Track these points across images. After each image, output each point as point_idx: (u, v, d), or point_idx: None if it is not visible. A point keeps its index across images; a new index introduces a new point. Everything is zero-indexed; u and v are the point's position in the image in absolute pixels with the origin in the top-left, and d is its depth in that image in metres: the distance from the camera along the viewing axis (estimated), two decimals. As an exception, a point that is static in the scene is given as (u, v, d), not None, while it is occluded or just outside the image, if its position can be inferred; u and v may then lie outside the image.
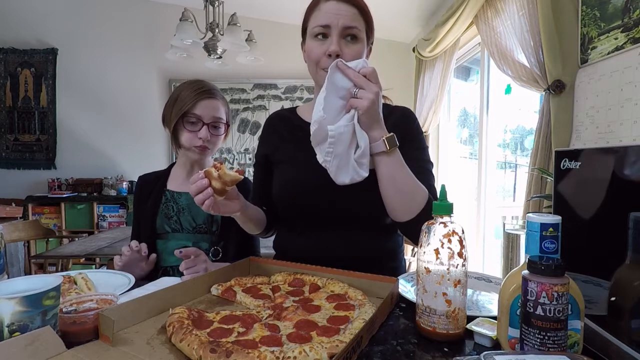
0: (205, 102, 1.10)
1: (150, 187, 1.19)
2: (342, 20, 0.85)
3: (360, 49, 0.88)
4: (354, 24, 0.86)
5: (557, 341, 0.48)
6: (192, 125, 1.10)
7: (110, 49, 3.95)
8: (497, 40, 2.15)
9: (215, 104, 1.12)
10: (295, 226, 1.00)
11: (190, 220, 1.14)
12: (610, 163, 0.55)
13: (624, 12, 1.42)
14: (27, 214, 3.61)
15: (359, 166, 0.81)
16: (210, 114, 1.11)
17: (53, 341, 0.52)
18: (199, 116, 1.09)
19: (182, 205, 1.15)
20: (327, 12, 0.87)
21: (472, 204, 2.86)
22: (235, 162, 4.07)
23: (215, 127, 1.13)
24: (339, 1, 0.87)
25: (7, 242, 1.96)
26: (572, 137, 1.71)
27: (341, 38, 0.87)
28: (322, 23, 0.87)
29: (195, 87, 1.11)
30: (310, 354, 0.50)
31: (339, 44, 0.86)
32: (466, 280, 0.61)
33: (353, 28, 0.86)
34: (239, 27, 2.39)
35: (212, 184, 0.78)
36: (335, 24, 0.86)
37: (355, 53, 0.87)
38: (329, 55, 0.85)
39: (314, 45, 0.89)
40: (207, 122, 1.11)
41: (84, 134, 3.99)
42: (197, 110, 1.09)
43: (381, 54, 4.04)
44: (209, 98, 1.11)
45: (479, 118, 2.74)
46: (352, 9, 0.87)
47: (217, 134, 1.14)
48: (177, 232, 1.13)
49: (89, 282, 0.85)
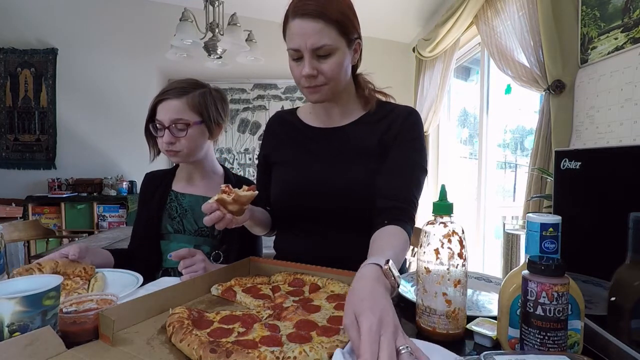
0: (163, 104, 1.06)
1: (156, 185, 1.18)
2: (310, 42, 0.83)
3: (336, 60, 0.86)
4: (322, 42, 0.83)
5: (557, 341, 0.48)
6: (159, 132, 1.07)
7: (110, 49, 3.95)
8: (497, 40, 2.15)
9: (173, 105, 1.05)
10: (294, 227, 1.00)
11: (192, 222, 1.13)
12: (610, 163, 0.55)
13: (624, 12, 1.42)
14: (27, 214, 3.61)
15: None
16: (168, 116, 1.05)
17: (53, 341, 0.52)
18: (160, 121, 1.06)
19: (185, 206, 1.14)
20: (294, 33, 0.85)
21: (472, 204, 2.86)
22: (236, 162, 4.07)
23: (178, 129, 1.05)
24: (302, 19, 0.83)
25: (7, 242, 1.96)
26: (572, 137, 1.71)
27: (313, 58, 0.85)
28: (292, 47, 0.86)
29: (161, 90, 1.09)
30: (310, 354, 0.50)
31: (311, 65, 0.85)
32: (466, 280, 0.61)
33: (322, 47, 0.83)
34: (239, 27, 2.39)
35: (228, 208, 0.78)
36: (303, 47, 0.84)
37: (332, 67, 0.85)
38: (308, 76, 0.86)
39: (293, 66, 0.89)
40: (167, 125, 1.05)
41: (84, 134, 3.99)
42: (158, 115, 1.06)
43: (381, 54, 4.06)
44: (166, 100, 1.06)
45: (479, 118, 2.74)
46: (316, 25, 0.83)
47: (179, 135, 1.06)
48: (179, 234, 1.13)
49: (99, 282, 0.85)
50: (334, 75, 0.87)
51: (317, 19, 0.82)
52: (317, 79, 0.87)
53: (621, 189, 0.53)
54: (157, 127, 1.07)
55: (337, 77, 0.88)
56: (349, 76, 0.93)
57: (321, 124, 1.02)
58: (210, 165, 1.19)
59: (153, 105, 1.08)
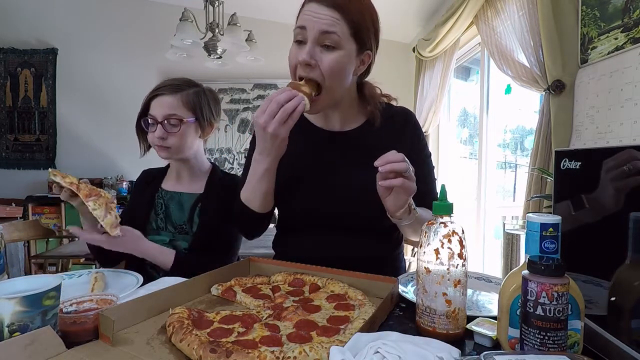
0: (157, 100, 1.07)
1: (148, 182, 1.21)
2: (319, 25, 0.79)
3: (338, 58, 0.81)
4: (332, 29, 0.79)
5: (557, 341, 0.48)
6: (151, 126, 1.08)
7: (110, 49, 3.95)
8: (497, 40, 2.15)
9: (167, 101, 1.07)
10: (295, 226, 1.00)
11: (174, 219, 1.15)
12: (610, 163, 0.55)
13: (624, 12, 1.42)
14: (27, 214, 3.61)
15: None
16: (162, 112, 1.06)
17: (53, 341, 0.52)
18: (153, 116, 1.07)
19: (168, 203, 1.16)
20: (307, 13, 0.81)
21: (472, 204, 2.86)
22: (236, 162, 4.07)
23: (171, 124, 1.06)
24: (320, 4, 0.80)
25: (7, 242, 1.96)
26: (572, 137, 1.71)
27: (317, 45, 0.81)
28: (300, 24, 0.82)
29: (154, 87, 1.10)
30: (310, 354, 0.50)
31: (311, 53, 0.80)
32: (466, 280, 0.61)
33: (331, 34, 0.79)
34: (239, 27, 2.40)
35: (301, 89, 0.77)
36: (311, 27, 0.80)
37: (332, 62, 0.81)
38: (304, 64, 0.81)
39: (292, 49, 0.85)
40: (160, 120, 1.06)
41: (84, 134, 3.99)
42: (151, 110, 1.08)
43: (381, 54, 4.04)
44: (160, 95, 1.07)
45: (479, 118, 2.74)
46: (332, 13, 0.79)
47: (171, 131, 1.07)
48: (161, 230, 1.14)
49: (99, 282, 0.85)
50: (332, 72, 0.82)
51: (335, 9, 0.80)
52: (313, 71, 0.82)
53: (621, 189, 0.53)
54: (149, 122, 1.08)
55: (334, 76, 0.83)
56: (348, 84, 0.89)
57: (323, 127, 1.01)
58: (200, 164, 1.20)
59: (147, 101, 1.09)
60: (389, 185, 0.74)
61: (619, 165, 0.53)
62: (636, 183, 0.50)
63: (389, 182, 0.73)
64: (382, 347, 0.48)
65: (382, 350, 0.48)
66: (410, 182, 0.75)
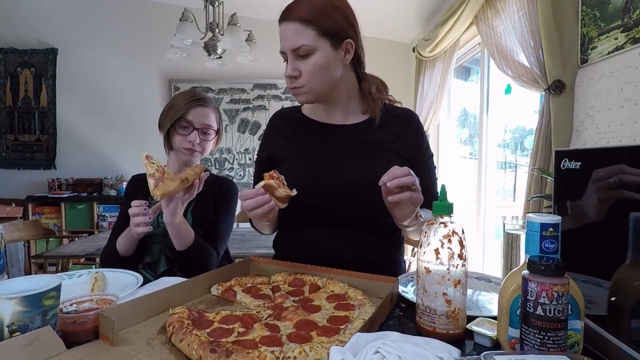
0: (197, 109, 1.18)
1: (139, 187, 1.23)
2: (288, 44, 0.87)
3: (314, 61, 0.87)
4: (299, 42, 0.86)
5: (557, 341, 0.48)
6: (184, 130, 1.18)
7: (110, 49, 3.95)
8: (497, 40, 2.15)
9: (206, 112, 1.20)
10: (295, 224, 1.00)
11: None
12: (610, 163, 0.55)
13: (624, 12, 1.42)
14: (27, 214, 3.61)
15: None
16: (200, 120, 1.18)
17: (53, 341, 0.52)
18: (190, 121, 1.17)
19: None
20: (280, 37, 0.89)
21: (472, 204, 2.86)
22: (236, 162, 4.07)
23: (205, 132, 1.20)
24: (284, 22, 0.88)
25: (7, 242, 1.96)
26: (572, 137, 1.71)
27: (296, 59, 0.88)
28: (280, 50, 0.90)
29: (189, 95, 1.21)
30: (310, 354, 0.50)
31: (292, 66, 0.88)
32: (466, 280, 0.61)
33: (300, 48, 0.86)
34: (239, 27, 2.39)
35: (275, 194, 0.78)
36: (285, 49, 0.88)
37: (310, 67, 0.88)
38: None
39: (285, 66, 0.92)
40: (197, 127, 1.18)
41: (84, 134, 3.98)
42: (189, 116, 1.17)
43: (381, 54, 4.05)
44: (200, 106, 1.19)
45: (479, 118, 2.74)
46: (294, 26, 0.86)
47: (207, 139, 1.22)
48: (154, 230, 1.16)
49: (99, 282, 0.85)
50: (312, 75, 0.88)
51: (294, 21, 0.86)
52: (298, 80, 0.90)
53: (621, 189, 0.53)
54: (183, 125, 1.18)
55: (315, 77, 0.89)
56: (336, 76, 0.92)
57: (326, 121, 1.01)
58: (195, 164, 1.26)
59: (184, 107, 1.17)
60: (397, 200, 0.75)
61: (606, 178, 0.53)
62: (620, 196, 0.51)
63: (397, 197, 0.75)
64: (382, 347, 0.48)
65: (382, 350, 0.48)
66: (417, 194, 0.77)
